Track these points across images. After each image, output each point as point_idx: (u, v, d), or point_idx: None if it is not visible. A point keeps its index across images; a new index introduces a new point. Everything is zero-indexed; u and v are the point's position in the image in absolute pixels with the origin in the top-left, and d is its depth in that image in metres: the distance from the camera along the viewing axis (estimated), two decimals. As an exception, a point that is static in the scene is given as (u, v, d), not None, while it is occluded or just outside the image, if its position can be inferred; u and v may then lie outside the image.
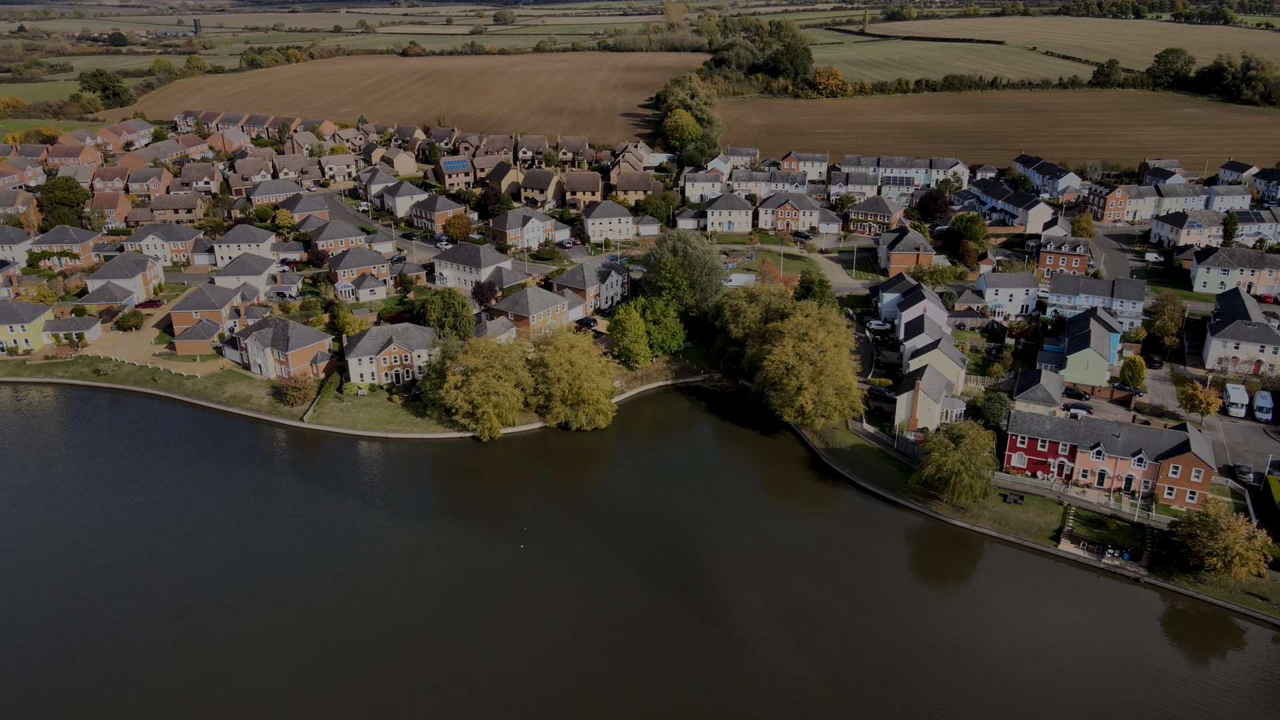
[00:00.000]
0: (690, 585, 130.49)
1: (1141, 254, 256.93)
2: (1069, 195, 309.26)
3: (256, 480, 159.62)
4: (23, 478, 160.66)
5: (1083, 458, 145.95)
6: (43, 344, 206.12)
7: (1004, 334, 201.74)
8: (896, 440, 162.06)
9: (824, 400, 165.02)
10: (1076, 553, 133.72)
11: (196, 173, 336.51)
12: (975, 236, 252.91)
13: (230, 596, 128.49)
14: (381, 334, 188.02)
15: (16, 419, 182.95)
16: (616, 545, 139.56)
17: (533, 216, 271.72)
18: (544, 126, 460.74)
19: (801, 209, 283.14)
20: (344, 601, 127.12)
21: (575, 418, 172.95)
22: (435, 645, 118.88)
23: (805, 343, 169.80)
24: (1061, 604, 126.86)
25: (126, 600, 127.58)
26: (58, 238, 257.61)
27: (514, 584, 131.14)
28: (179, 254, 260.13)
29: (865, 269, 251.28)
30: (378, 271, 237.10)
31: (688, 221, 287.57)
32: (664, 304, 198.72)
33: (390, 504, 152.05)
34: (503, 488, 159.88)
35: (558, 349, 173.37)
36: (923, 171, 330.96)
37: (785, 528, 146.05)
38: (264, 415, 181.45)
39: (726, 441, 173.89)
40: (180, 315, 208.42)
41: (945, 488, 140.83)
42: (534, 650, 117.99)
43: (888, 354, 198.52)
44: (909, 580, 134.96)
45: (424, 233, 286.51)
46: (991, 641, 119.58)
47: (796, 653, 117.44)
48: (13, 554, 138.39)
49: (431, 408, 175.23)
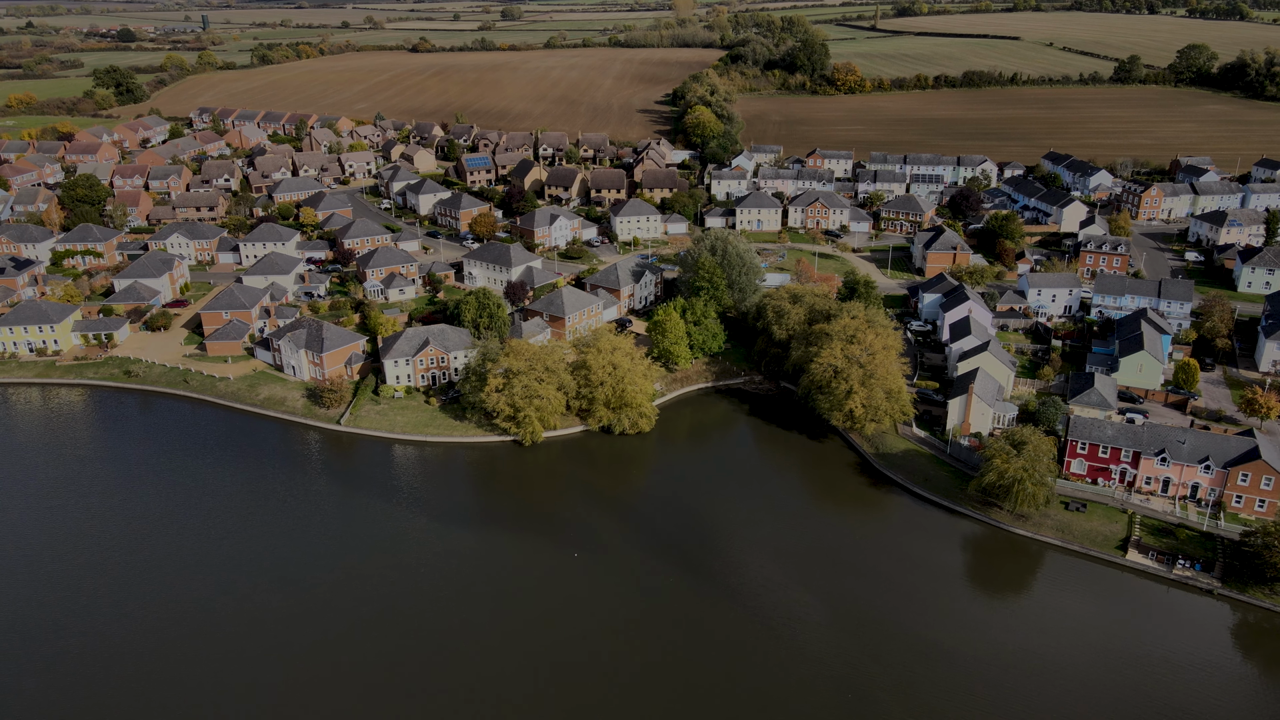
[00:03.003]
0: (745, 593, 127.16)
1: (1181, 253, 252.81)
2: (1101, 193, 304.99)
3: (295, 484, 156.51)
4: (56, 480, 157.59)
5: (1146, 464, 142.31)
6: (71, 344, 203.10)
7: (1049, 335, 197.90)
8: (950, 445, 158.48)
9: (874, 404, 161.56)
10: (1145, 563, 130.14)
11: (216, 170, 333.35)
12: (1012, 235, 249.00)
13: (269, 599, 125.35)
14: (418, 335, 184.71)
15: (48, 421, 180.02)
16: (666, 551, 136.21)
17: (560, 214, 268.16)
18: (561, 123, 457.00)
19: (832, 207, 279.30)
20: (391, 605, 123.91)
21: (618, 421, 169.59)
22: (482, 649, 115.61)
23: (854, 345, 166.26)
24: (1132, 616, 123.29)
25: (163, 602, 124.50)
26: (81, 236, 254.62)
27: (564, 589, 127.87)
28: (203, 252, 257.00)
29: (899, 268, 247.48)
30: (406, 271, 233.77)
31: (716, 219, 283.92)
32: (703, 304, 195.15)
33: (434, 509, 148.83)
34: (547, 493, 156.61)
35: (600, 351, 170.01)
36: (951, 169, 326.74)
37: (840, 534, 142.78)
38: (299, 418, 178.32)
39: (772, 446, 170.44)
40: (210, 315, 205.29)
41: (1007, 496, 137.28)
42: (585, 656, 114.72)
43: (931, 356, 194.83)
44: (972, 589, 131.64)
45: (449, 231, 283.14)
46: (1062, 653, 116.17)
47: (864, 663, 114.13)
48: (51, 556, 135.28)
49: (471, 411, 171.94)
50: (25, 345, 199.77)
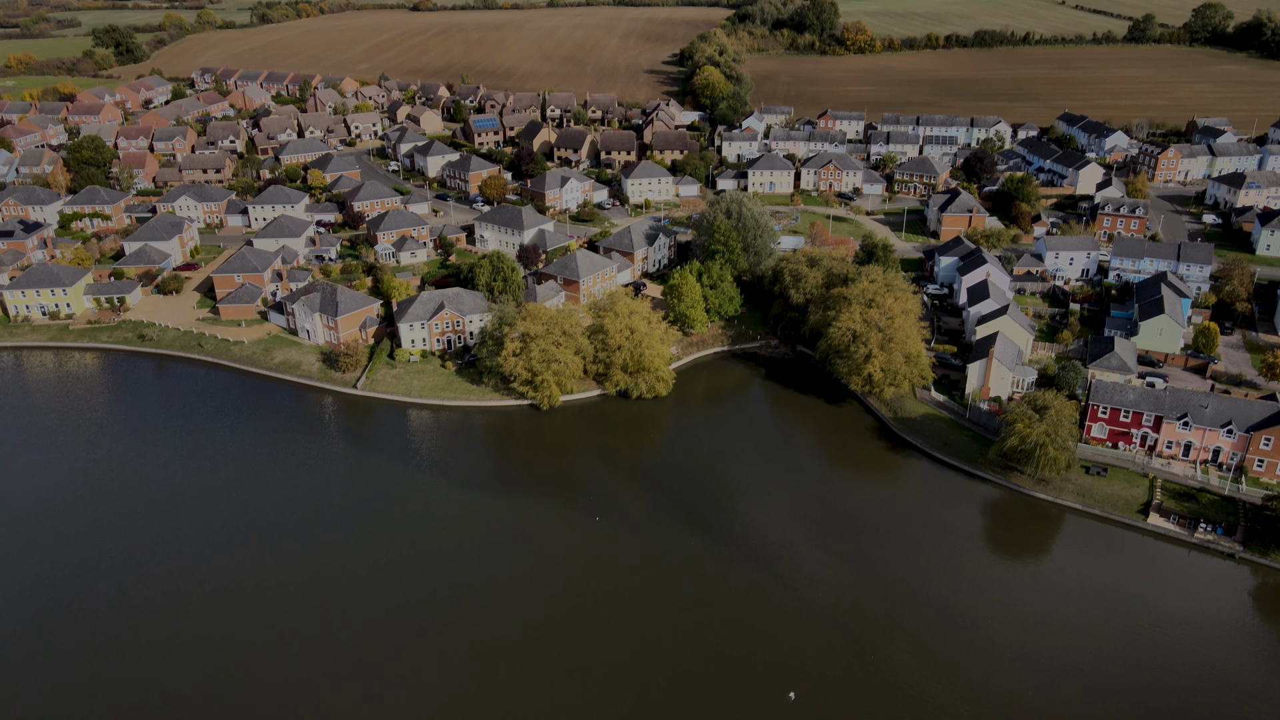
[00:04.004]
0: (766, 555, 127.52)
1: (1198, 216, 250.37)
2: (1116, 155, 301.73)
3: (314, 448, 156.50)
4: (76, 443, 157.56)
5: (1168, 429, 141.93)
6: (84, 308, 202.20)
7: (1067, 299, 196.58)
8: (969, 410, 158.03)
9: (893, 368, 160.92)
10: (1167, 527, 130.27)
11: (221, 131, 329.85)
12: (1027, 198, 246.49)
13: (290, 561, 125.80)
14: (432, 299, 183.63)
15: (64, 384, 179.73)
16: (686, 514, 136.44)
17: (571, 177, 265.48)
18: (568, 83, 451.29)
19: (845, 169, 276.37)
20: (411, 567, 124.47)
21: (635, 386, 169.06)
22: (502, 610, 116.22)
23: (872, 309, 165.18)
24: (1153, 579, 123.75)
25: (186, 564, 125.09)
26: (89, 199, 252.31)
27: (585, 552, 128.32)
28: (212, 215, 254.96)
29: (914, 231, 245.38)
30: (418, 234, 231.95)
31: (727, 182, 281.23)
32: (719, 268, 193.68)
33: (453, 472, 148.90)
34: (565, 457, 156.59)
35: (617, 315, 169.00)
36: (964, 130, 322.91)
37: (859, 498, 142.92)
38: (315, 382, 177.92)
39: (789, 410, 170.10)
40: (222, 279, 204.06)
41: (1028, 460, 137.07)
42: (606, 618, 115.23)
43: (948, 320, 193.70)
44: (993, 552, 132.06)
45: (458, 194, 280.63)
46: (1083, 615, 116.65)
47: (885, 625, 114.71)
48: (75, 518, 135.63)
49: (488, 375, 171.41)
50: (38, 309, 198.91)
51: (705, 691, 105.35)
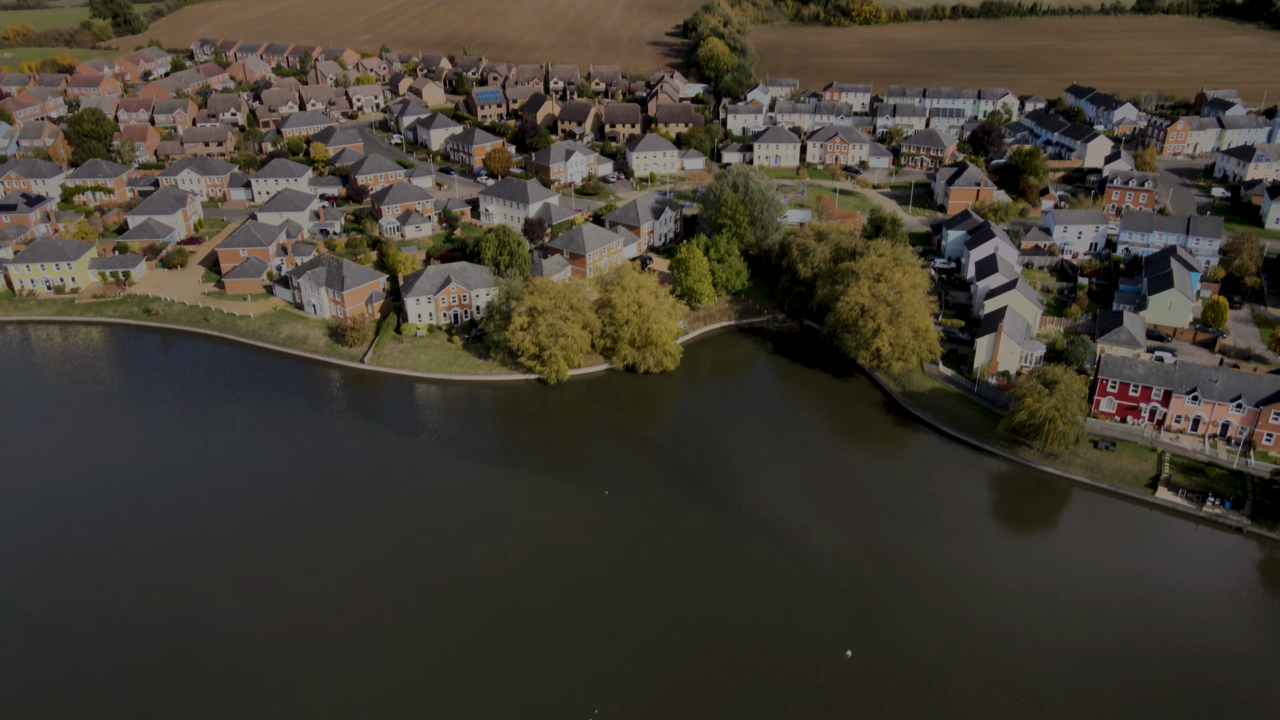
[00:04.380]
0: (774, 528, 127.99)
1: (1207, 189, 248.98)
2: (1125, 127, 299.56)
3: (322, 422, 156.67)
4: (85, 417, 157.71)
5: (1177, 403, 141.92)
6: (89, 282, 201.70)
7: (1075, 273, 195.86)
8: (977, 384, 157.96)
9: (901, 343, 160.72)
10: (1175, 501, 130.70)
11: (222, 104, 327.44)
12: (1035, 171, 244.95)
13: (301, 533, 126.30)
14: (439, 273, 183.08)
15: (71, 359, 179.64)
16: (695, 488, 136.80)
17: (576, 150, 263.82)
18: (570, 54, 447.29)
19: (851, 142, 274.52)
20: (420, 539, 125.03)
21: (642, 360, 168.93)
22: (512, 584, 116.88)
23: (881, 283, 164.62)
24: (1161, 552, 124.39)
25: (187, 538, 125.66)
26: (91, 172, 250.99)
27: (595, 526, 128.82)
28: (215, 189, 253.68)
29: (921, 205, 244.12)
30: (422, 208, 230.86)
31: (733, 155, 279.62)
32: (727, 242, 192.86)
33: (462, 446, 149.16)
34: (574, 431, 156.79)
35: (624, 289, 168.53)
36: (971, 102, 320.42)
37: (867, 472, 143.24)
38: (322, 356, 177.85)
39: (797, 384, 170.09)
40: (227, 253, 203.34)
41: (1037, 435, 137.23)
42: (616, 591, 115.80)
43: (956, 294, 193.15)
44: (1001, 526, 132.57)
45: (461, 167, 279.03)
46: (1091, 587, 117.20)
47: (894, 598, 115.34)
48: (87, 491, 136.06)
49: (495, 349, 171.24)
50: (43, 283, 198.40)
51: (715, 664, 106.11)
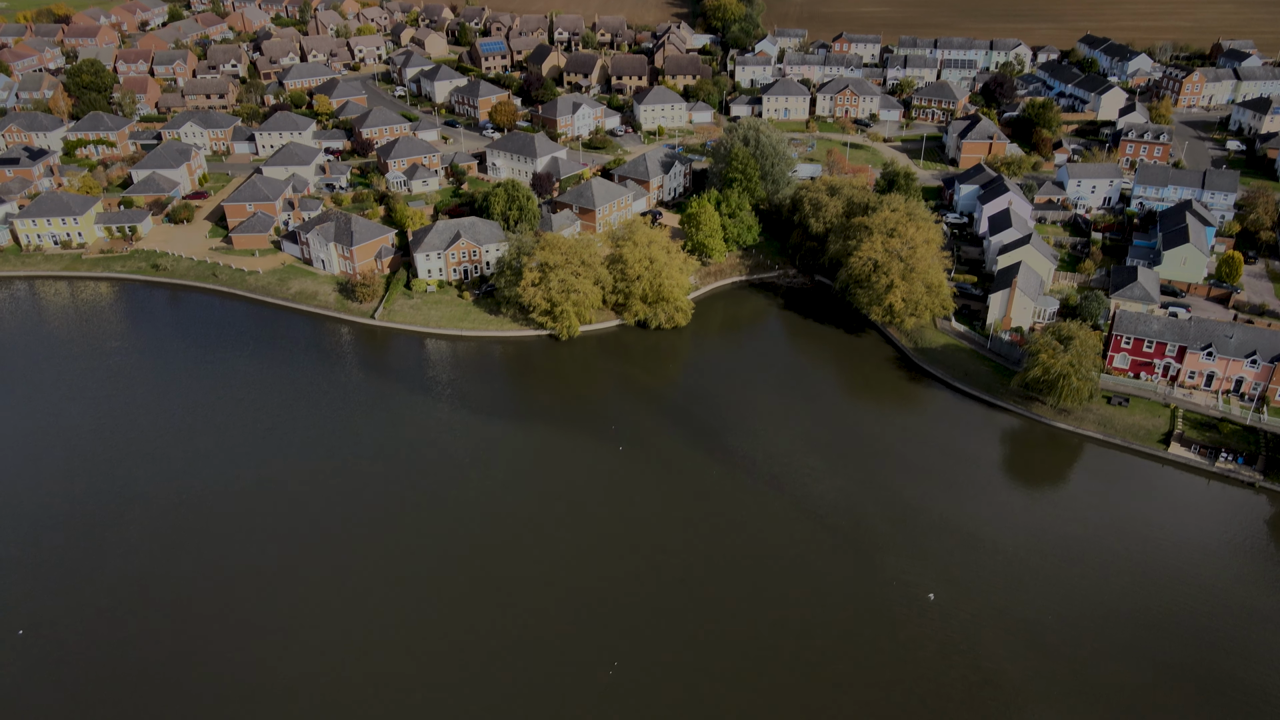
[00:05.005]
0: (789, 482, 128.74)
1: (1222, 142, 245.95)
2: (1139, 79, 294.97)
3: (335, 378, 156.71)
4: (97, 372, 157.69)
5: (1191, 359, 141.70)
6: (95, 237, 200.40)
7: (1089, 228, 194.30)
8: (990, 340, 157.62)
9: (914, 299, 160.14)
10: (1188, 456, 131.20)
11: (223, 55, 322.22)
12: (1049, 124, 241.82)
13: (315, 488, 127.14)
14: (448, 228, 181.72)
15: (78, 315, 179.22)
16: (708, 443, 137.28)
17: (583, 103, 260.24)
18: (575, 4, 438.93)
19: (862, 94, 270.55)
20: (435, 494, 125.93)
21: (654, 316, 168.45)
22: (528, 537, 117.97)
23: (894, 239, 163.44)
24: (1172, 507, 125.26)
25: (217, 490, 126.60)
26: (92, 125, 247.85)
27: (608, 480, 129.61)
28: (218, 142, 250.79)
29: (932, 159, 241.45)
30: (429, 162, 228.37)
31: (741, 108, 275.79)
32: (738, 196, 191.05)
33: (476, 402, 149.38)
34: (586, 386, 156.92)
35: (636, 244, 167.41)
36: (983, 53, 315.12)
37: (880, 427, 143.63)
38: (332, 312, 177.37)
39: (808, 339, 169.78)
40: (233, 208, 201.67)
41: (1051, 390, 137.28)
42: (633, 544, 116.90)
43: (968, 249, 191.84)
44: (1014, 481, 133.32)
45: (467, 120, 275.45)
46: (1104, 542, 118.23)
47: (909, 551, 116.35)
48: (103, 446, 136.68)
49: (506, 305, 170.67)
50: (49, 238, 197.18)
51: (732, 615, 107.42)
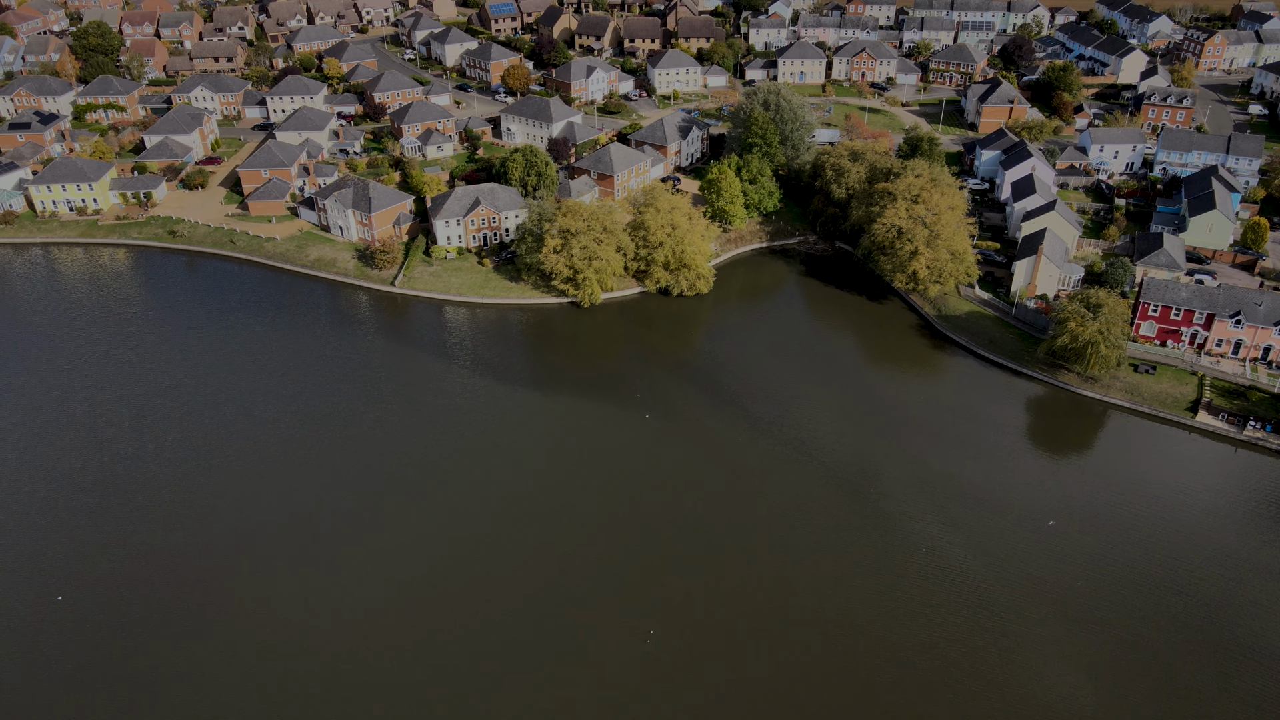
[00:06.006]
0: (817, 451, 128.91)
1: (1244, 106, 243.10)
2: (1159, 41, 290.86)
3: (358, 345, 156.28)
4: (118, 338, 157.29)
5: (1219, 326, 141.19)
6: (111, 203, 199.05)
7: (1112, 194, 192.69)
8: (1015, 307, 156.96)
9: (939, 266, 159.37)
10: (1216, 425, 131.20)
11: (229, 17, 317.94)
12: (1069, 88, 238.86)
13: (343, 452, 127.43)
14: (467, 194, 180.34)
15: (96, 281, 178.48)
16: (735, 413, 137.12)
17: (597, 66, 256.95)
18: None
19: (878, 58, 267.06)
20: (461, 459, 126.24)
21: (676, 283, 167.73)
22: (560, 503, 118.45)
23: (918, 205, 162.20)
24: (1200, 475, 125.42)
25: (244, 455, 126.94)
26: (102, 89, 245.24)
27: (637, 448, 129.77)
28: (229, 106, 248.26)
29: (950, 123, 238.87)
30: (443, 126, 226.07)
31: (756, 71, 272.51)
32: (759, 162, 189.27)
33: (500, 369, 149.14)
34: (610, 354, 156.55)
35: (658, 211, 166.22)
36: (1001, 15, 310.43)
37: (906, 394, 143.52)
38: (351, 279, 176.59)
39: (831, 307, 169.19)
40: (249, 174, 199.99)
41: (1079, 358, 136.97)
42: (664, 511, 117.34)
43: (989, 215, 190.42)
44: (1041, 449, 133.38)
45: (479, 84, 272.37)
46: (1132, 509, 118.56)
47: (940, 524, 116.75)
48: (128, 411, 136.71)
49: (527, 272, 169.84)
50: (65, 204, 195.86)
51: (764, 582, 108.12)
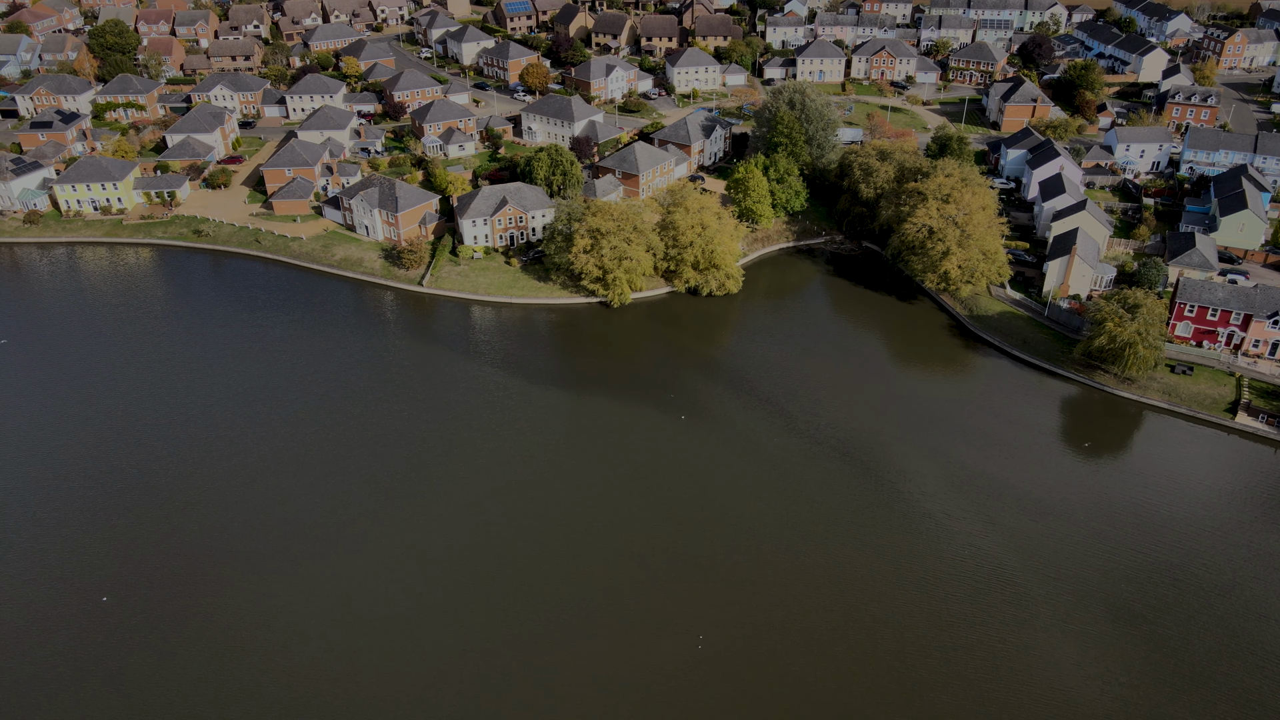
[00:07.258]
0: (855, 449, 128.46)
1: (1266, 105, 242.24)
2: (1179, 39, 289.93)
3: (388, 345, 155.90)
4: (148, 337, 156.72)
5: (1256, 327, 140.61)
6: (135, 203, 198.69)
7: (1139, 194, 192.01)
8: (1048, 308, 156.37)
9: (971, 266, 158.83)
10: (1255, 426, 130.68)
11: (244, 16, 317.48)
12: (1092, 86, 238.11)
13: (374, 452, 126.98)
14: (494, 194, 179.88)
15: (122, 281, 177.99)
16: (768, 413, 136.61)
17: (616, 65, 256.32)
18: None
19: (898, 56, 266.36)
20: (495, 460, 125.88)
21: (705, 283, 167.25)
22: (597, 503, 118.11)
23: (949, 205, 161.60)
24: (1242, 476, 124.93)
25: (277, 455, 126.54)
26: (121, 87, 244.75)
27: (673, 448, 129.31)
28: (248, 105, 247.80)
29: (972, 122, 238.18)
30: (464, 125, 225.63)
31: (775, 70, 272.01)
32: (785, 161, 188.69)
33: (532, 369, 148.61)
34: (641, 354, 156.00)
35: (687, 210, 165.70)
36: (1018, 13, 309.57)
37: (941, 396, 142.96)
38: (378, 279, 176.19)
39: (861, 307, 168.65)
40: (273, 173, 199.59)
41: (1116, 359, 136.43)
42: (706, 517, 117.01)
43: (1016, 215, 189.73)
44: (1078, 450, 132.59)
45: (497, 82, 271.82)
46: (1171, 509, 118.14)
47: (980, 524, 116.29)
48: (162, 409, 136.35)
49: (556, 272, 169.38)
50: (89, 203, 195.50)
51: (807, 586, 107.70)
